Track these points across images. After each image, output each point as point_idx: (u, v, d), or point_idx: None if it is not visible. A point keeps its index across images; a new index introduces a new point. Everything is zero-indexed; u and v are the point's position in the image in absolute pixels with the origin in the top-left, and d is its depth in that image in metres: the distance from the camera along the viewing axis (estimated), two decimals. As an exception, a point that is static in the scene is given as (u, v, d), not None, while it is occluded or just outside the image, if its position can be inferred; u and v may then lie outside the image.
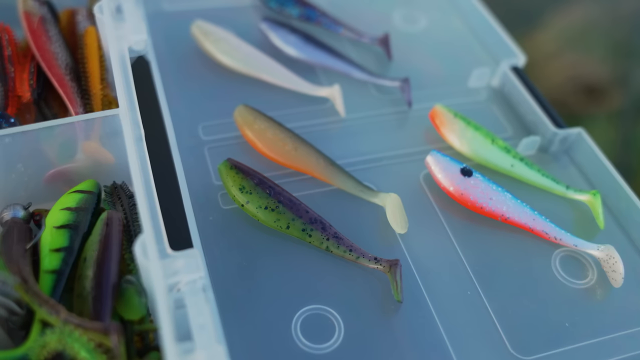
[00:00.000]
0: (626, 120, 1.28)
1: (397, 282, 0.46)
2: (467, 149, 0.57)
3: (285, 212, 0.49)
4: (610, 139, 1.24)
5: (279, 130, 0.55)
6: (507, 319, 0.47)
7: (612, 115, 1.29)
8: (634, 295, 0.50)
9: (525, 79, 0.62)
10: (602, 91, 1.32)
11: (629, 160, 1.22)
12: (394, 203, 0.52)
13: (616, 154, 1.23)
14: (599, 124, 1.26)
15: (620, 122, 1.28)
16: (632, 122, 1.28)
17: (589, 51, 1.38)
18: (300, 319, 0.46)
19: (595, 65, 1.37)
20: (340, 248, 0.49)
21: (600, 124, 1.26)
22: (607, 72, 1.37)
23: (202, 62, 0.63)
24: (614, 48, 1.42)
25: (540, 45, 1.37)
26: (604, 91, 1.32)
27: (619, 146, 1.25)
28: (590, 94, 1.31)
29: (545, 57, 1.35)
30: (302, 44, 0.64)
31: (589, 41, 1.41)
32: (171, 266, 0.41)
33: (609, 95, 1.32)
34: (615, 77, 1.37)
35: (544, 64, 1.34)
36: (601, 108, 1.31)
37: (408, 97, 0.61)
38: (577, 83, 1.32)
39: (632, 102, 1.33)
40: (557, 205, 0.56)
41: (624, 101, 1.32)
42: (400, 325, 0.46)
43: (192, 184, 0.52)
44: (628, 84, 1.36)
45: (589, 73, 1.35)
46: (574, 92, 1.31)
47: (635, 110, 1.31)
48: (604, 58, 1.39)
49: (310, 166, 0.54)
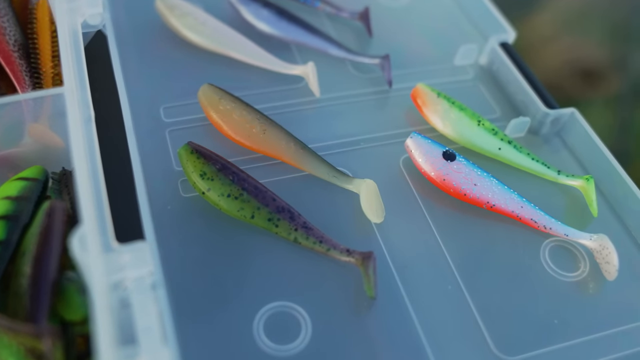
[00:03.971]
0: (624, 105, 1.25)
1: (369, 276, 0.42)
2: (451, 131, 0.53)
3: (250, 201, 0.45)
4: (608, 124, 1.22)
5: (246, 112, 0.51)
6: (491, 315, 0.43)
7: (610, 99, 1.26)
8: (629, 289, 0.46)
9: (514, 56, 0.58)
10: (600, 75, 1.29)
11: (626, 145, 1.20)
12: (370, 190, 0.47)
13: (613, 139, 1.20)
14: (596, 108, 1.23)
15: (617, 107, 1.26)
16: (630, 107, 1.25)
17: (587, 34, 1.35)
18: (263, 317, 0.42)
19: (593, 49, 1.34)
20: (309, 239, 0.45)
21: (597, 109, 1.23)
22: (604, 56, 1.34)
23: (167, 39, 0.58)
24: (612, 31, 1.38)
25: (537, 27, 1.33)
26: (602, 75, 1.29)
27: (616, 131, 1.22)
28: (587, 77, 1.28)
29: (541, 40, 1.31)
30: (275, 19, 0.59)
31: (586, 24, 1.38)
32: (116, 261, 0.37)
33: (606, 79, 1.29)
34: (613, 60, 1.34)
35: (541, 47, 1.30)
36: (598, 92, 1.28)
37: (388, 76, 0.57)
38: (574, 67, 1.29)
39: (630, 86, 1.30)
40: (548, 192, 0.52)
41: (621, 85, 1.29)
42: (373, 324, 0.42)
43: (150, 170, 0.48)
44: (626, 67, 1.33)
45: (587, 56, 1.32)
46: (570, 75, 1.28)
47: (633, 95, 1.28)
48: (602, 41, 1.36)
49: (279, 150, 0.50)
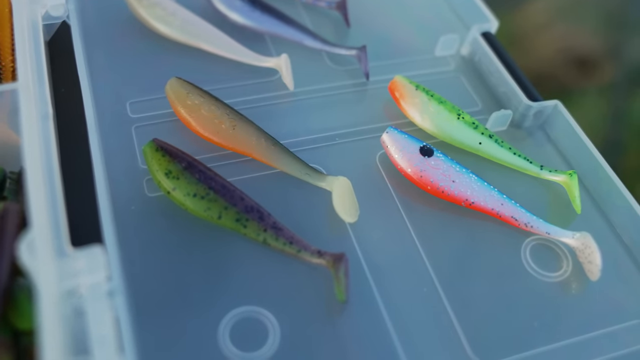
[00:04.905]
0: (618, 94, 1.24)
1: (340, 279, 0.41)
2: (430, 125, 0.51)
3: (217, 200, 0.43)
4: (602, 113, 1.21)
5: (215, 106, 0.48)
6: (468, 319, 0.42)
7: (604, 88, 1.25)
8: (613, 289, 0.45)
9: (496, 46, 0.56)
10: (594, 63, 1.27)
11: (620, 135, 1.18)
12: (343, 188, 0.45)
13: (607, 128, 1.19)
14: (589, 97, 1.22)
15: (611, 96, 1.24)
16: (624, 96, 1.24)
17: (581, 22, 1.34)
18: (229, 323, 0.40)
19: (587, 37, 1.33)
20: (279, 240, 0.43)
21: (591, 98, 1.22)
22: (599, 44, 1.32)
23: (136, 30, 0.56)
24: (606, 19, 1.37)
25: (531, 16, 1.31)
26: (596, 63, 1.28)
27: (610, 120, 1.21)
28: (581, 66, 1.26)
29: (535, 28, 1.29)
30: (248, 9, 0.57)
31: (580, 12, 1.36)
32: (70, 267, 0.35)
33: (600, 68, 1.28)
34: (607, 49, 1.32)
35: (534, 36, 1.28)
36: (592, 81, 1.26)
37: (365, 68, 0.55)
38: (568, 55, 1.27)
39: (624, 75, 1.28)
40: (530, 188, 0.50)
41: (615, 74, 1.27)
42: (345, 329, 0.40)
43: (114, 168, 0.46)
44: (620, 55, 1.31)
45: (581, 45, 1.30)
46: (564, 64, 1.26)
47: (627, 83, 1.27)
48: (596, 29, 1.34)
49: (250, 147, 0.47)
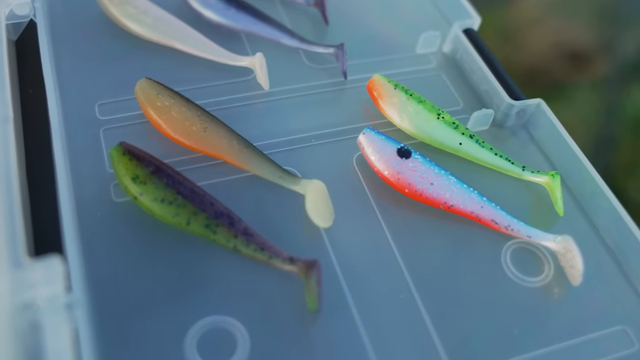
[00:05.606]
0: (611, 88, 1.24)
1: (311, 287, 0.39)
2: (409, 125, 0.49)
3: (186, 205, 0.42)
4: (595, 108, 1.20)
5: (186, 108, 0.47)
6: (445, 326, 0.40)
7: (597, 83, 1.24)
8: (596, 293, 0.43)
9: (478, 42, 0.54)
10: (587, 58, 1.27)
11: (613, 130, 1.17)
12: (317, 191, 0.44)
13: (600, 123, 1.18)
14: (582, 92, 1.21)
15: (604, 90, 1.23)
16: (617, 90, 1.23)
17: (574, 16, 1.33)
18: (197, 334, 0.38)
19: (580, 32, 1.32)
20: (250, 247, 0.41)
21: (584, 92, 1.21)
22: (592, 39, 1.32)
23: (107, 29, 0.54)
24: (599, 13, 1.36)
25: (524, 10, 1.30)
26: (589, 58, 1.27)
27: (603, 115, 1.20)
28: (574, 60, 1.25)
29: (528, 23, 1.28)
30: (223, 6, 0.55)
31: (573, 6, 1.35)
32: (26, 278, 0.34)
33: (593, 63, 1.27)
34: (600, 43, 1.31)
35: (527, 30, 1.27)
36: (585, 76, 1.25)
37: (342, 66, 0.53)
38: (561, 50, 1.27)
39: (617, 70, 1.27)
40: (513, 190, 0.48)
41: (608, 68, 1.27)
42: (318, 338, 0.39)
43: (80, 172, 0.45)
44: (613, 50, 1.30)
45: (574, 39, 1.30)
46: (558, 59, 1.25)
47: (620, 78, 1.26)
48: (589, 23, 1.34)
49: (221, 149, 0.46)
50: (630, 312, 0.42)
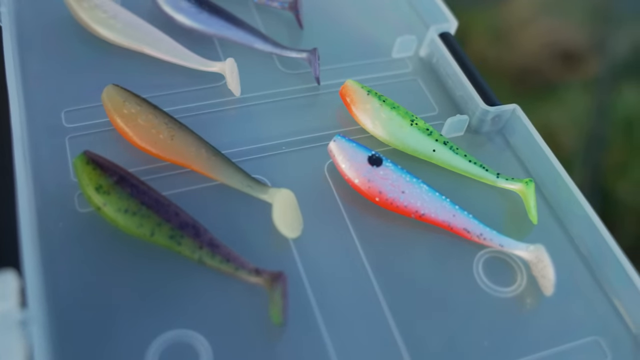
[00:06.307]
0: (602, 88, 1.23)
1: (276, 300, 0.38)
2: (382, 132, 0.48)
3: (150, 216, 0.41)
4: (586, 108, 1.19)
5: (153, 115, 0.46)
6: (414, 339, 0.39)
7: (588, 82, 1.24)
8: (569, 304, 0.43)
9: (454, 47, 0.53)
10: (579, 57, 1.26)
11: (604, 129, 1.17)
12: (285, 200, 0.43)
13: (591, 123, 1.18)
14: (574, 91, 1.21)
15: (596, 90, 1.23)
16: (608, 90, 1.23)
17: (566, 16, 1.33)
18: (158, 349, 0.37)
19: (572, 31, 1.31)
20: (215, 258, 0.40)
21: (575, 92, 1.21)
22: (584, 38, 1.31)
23: (75, 34, 0.53)
24: (591, 13, 1.35)
25: (515, 10, 1.30)
26: (581, 57, 1.26)
27: (594, 115, 1.19)
28: (566, 60, 1.25)
29: (520, 22, 1.28)
30: (195, 10, 0.54)
31: (565, 6, 1.35)
32: (-23, 294, 0.33)
33: (585, 62, 1.26)
34: (592, 43, 1.31)
35: (519, 30, 1.27)
36: (577, 75, 1.25)
37: (315, 72, 0.52)
38: (553, 49, 1.26)
39: (608, 69, 1.27)
40: (487, 197, 0.48)
41: (600, 68, 1.26)
42: (285, 353, 0.38)
43: (43, 182, 0.44)
44: (605, 50, 1.29)
45: (566, 39, 1.29)
46: (549, 59, 1.25)
47: (612, 78, 1.25)
48: (581, 23, 1.33)
49: (189, 158, 0.45)
50: (604, 323, 0.42)
